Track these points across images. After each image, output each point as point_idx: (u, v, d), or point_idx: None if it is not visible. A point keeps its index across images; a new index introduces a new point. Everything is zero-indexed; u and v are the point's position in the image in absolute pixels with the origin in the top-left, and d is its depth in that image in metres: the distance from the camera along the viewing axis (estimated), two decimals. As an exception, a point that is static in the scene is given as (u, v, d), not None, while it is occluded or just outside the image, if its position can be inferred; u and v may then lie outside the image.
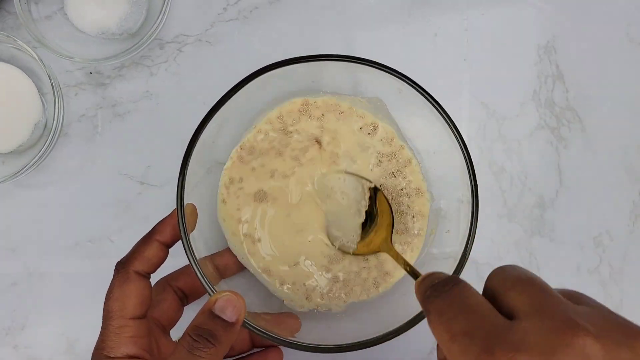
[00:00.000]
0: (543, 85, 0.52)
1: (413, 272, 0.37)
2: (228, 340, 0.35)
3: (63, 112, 0.48)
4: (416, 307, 0.41)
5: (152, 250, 0.38)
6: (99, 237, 0.49)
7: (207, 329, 0.34)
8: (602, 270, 0.51)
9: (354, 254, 0.45)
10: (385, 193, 0.46)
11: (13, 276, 0.50)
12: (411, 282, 0.46)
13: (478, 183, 0.42)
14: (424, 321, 0.41)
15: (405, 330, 0.41)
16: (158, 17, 0.47)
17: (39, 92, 0.48)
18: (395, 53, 0.51)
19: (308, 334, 0.41)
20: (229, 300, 0.35)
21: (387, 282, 0.46)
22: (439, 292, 0.28)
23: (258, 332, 0.38)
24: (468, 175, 0.42)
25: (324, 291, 0.45)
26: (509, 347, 0.22)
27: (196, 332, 0.34)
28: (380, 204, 0.45)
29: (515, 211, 0.51)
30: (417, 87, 0.42)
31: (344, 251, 0.45)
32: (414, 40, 0.52)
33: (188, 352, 0.33)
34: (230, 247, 0.45)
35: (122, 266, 0.38)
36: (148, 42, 0.48)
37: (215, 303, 0.35)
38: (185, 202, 0.39)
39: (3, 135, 0.47)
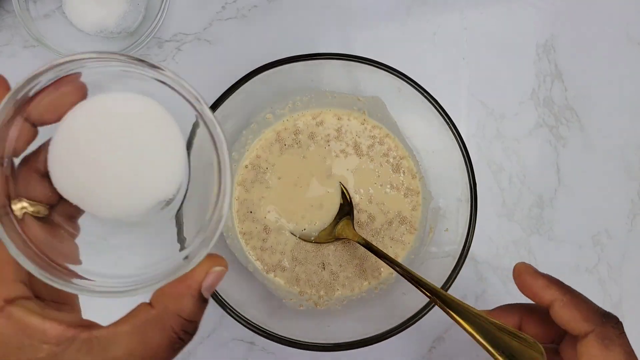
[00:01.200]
0: (542, 84, 0.52)
1: (370, 248, 0.41)
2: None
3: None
4: (414, 306, 0.41)
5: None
6: (96, 238, 0.49)
7: (196, 321, 0.26)
8: (600, 269, 0.51)
9: (315, 241, 0.47)
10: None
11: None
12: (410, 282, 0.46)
13: (477, 182, 0.42)
14: (423, 320, 0.41)
15: (404, 329, 0.41)
16: (156, 16, 0.47)
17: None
18: (394, 52, 0.51)
19: (306, 333, 0.41)
20: (220, 276, 0.26)
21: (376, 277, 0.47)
22: (619, 329, 0.32)
23: (249, 326, 0.38)
24: (467, 174, 0.42)
25: (314, 280, 0.46)
26: None
27: (185, 327, 0.25)
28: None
29: (514, 210, 0.51)
30: (416, 86, 0.42)
31: (304, 240, 0.47)
32: (413, 39, 0.52)
33: (168, 348, 0.25)
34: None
35: None
36: (146, 41, 0.48)
37: (204, 281, 0.25)
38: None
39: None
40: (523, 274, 0.34)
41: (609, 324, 0.31)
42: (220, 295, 0.41)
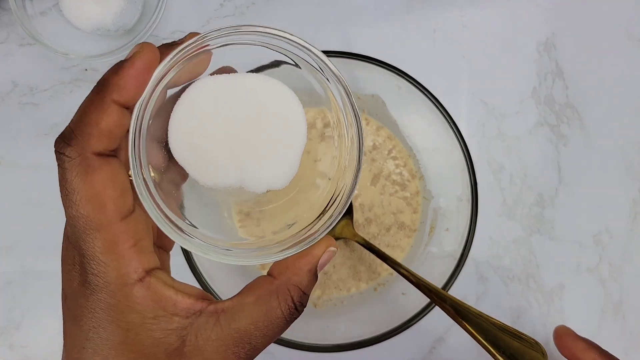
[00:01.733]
0: (542, 82, 0.52)
1: (371, 249, 0.41)
2: None
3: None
4: (414, 307, 0.41)
5: (110, 118, 0.23)
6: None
7: (308, 295, 0.27)
8: (601, 268, 0.51)
9: None
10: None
11: (9, 275, 0.49)
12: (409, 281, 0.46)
13: (477, 181, 0.42)
14: (424, 320, 0.40)
15: (404, 329, 0.40)
16: (154, 13, 0.47)
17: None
18: (393, 50, 0.51)
19: (306, 334, 0.41)
20: (332, 256, 0.28)
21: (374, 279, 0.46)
22: None
23: None
24: (467, 173, 0.42)
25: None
26: None
27: (302, 299, 0.26)
28: None
29: (515, 209, 0.51)
30: (416, 84, 0.42)
31: None
32: (413, 37, 0.52)
33: (285, 320, 0.26)
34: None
35: (70, 149, 0.23)
36: (144, 39, 0.47)
37: (322, 258, 0.27)
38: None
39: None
40: (564, 336, 0.38)
41: None
42: (218, 296, 0.41)
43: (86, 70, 0.50)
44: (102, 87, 0.24)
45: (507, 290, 0.50)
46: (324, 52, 0.42)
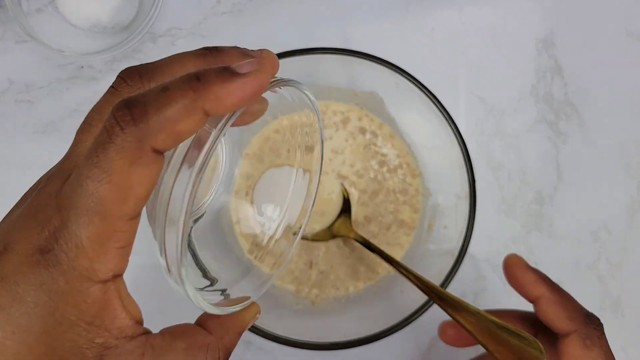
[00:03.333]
0: (541, 79, 0.52)
1: (369, 247, 0.41)
2: None
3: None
4: (413, 305, 0.41)
5: (191, 122, 0.21)
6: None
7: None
8: (600, 265, 0.51)
9: (313, 239, 0.46)
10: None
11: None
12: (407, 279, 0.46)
13: (476, 178, 0.42)
14: (421, 318, 0.40)
15: (402, 327, 0.40)
16: (150, 11, 0.47)
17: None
18: (392, 47, 0.51)
19: (303, 332, 0.41)
20: (254, 320, 0.29)
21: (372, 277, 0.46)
22: (600, 331, 0.32)
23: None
24: (466, 171, 0.42)
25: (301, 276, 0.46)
26: None
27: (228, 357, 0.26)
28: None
29: (514, 207, 0.51)
30: (414, 81, 0.42)
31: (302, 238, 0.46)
32: (412, 35, 0.51)
33: None
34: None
35: (133, 129, 0.20)
36: (140, 36, 0.47)
37: (250, 321, 0.27)
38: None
39: None
40: (513, 266, 0.35)
41: (592, 325, 0.32)
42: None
43: (82, 67, 0.49)
44: (201, 91, 0.21)
45: (506, 288, 0.50)
46: (323, 49, 0.42)
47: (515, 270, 0.35)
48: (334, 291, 0.46)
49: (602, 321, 0.33)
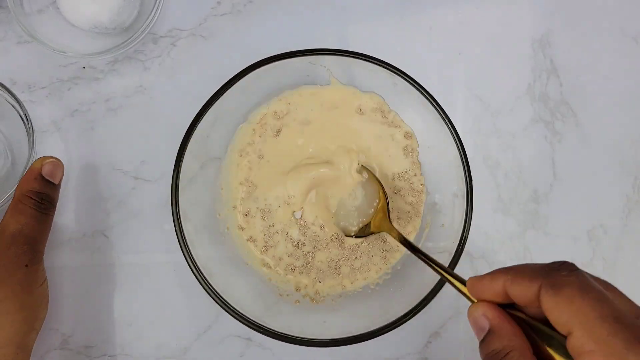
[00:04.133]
0: (537, 79, 0.52)
1: (410, 246, 0.39)
2: (56, 201, 0.43)
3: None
4: (410, 302, 0.41)
5: None
6: (92, 232, 0.49)
7: (46, 192, 0.42)
8: (595, 263, 0.52)
9: (356, 236, 0.46)
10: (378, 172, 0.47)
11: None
12: (407, 277, 0.46)
13: (472, 177, 0.42)
14: (419, 315, 0.41)
15: (400, 324, 0.41)
16: (151, 11, 0.47)
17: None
18: (390, 47, 0.51)
19: (303, 329, 0.42)
20: (57, 165, 0.43)
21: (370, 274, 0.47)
22: (569, 270, 0.28)
23: (246, 322, 0.38)
24: (463, 170, 0.42)
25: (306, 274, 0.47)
26: None
27: (39, 197, 0.41)
28: (373, 185, 0.46)
29: (510, 205, 0.51)
30: (410, 81, 0.42)
31: (346, 234, 0.47)
32: (409, 34, 0.52)
33: (38, 213, 0.41)
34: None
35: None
36: (141, 37, 0.47)
37: (43, 168, 0.42)
38: (180, 197, 0.39)
39: None
40: (473, 286, 0.31)
41: (554, 271, 0.28)
42: (216, 292, 0.41)
43: (84, 68, 0.50)
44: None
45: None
46: (321, 49, 0.42)
47: (476, 287, 0.31)
48: (333, 289, 0.46)
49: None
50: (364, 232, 0.46)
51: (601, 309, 0.25)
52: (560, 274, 0.27)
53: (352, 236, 0.46)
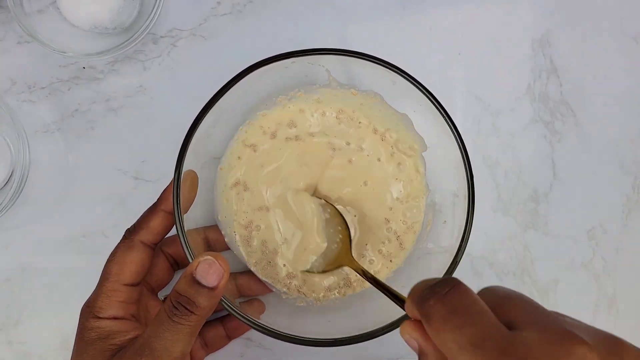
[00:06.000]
0: (537, 79, 0.52)
1: (375, 281, 0.39)
2: (209, 305, 0.34)
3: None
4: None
5: (158, 220, 0.40)
6: (93, 232, 0.49)
7: (187, 296, 0.34)
8: (595, 263, 0.52)
9: (323, 271, 0.45)
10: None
11: (7, 272, 0.50)
12: (409, 277, 0.46)
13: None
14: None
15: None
16: (151, 12, 0.47)
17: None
18: (389, 47, 0.51)
19: (304, 328, 0.41)
20: (211, 265, 0.34)
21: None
22: (439, 294, 0.26)
23: (246, 322, 0.38)
24: (464, 169, 0.42)
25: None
26: (518, 359, 0.22)
27: (177, 298, 0.34)
28: (335, 217, 0.45)
29: (510, 205, 0.51)
30: (410, 79, 0.42)
31: (310, 272, 0.45)
32: (409, 34, 0.52)
33: (169, 318, 0.34)
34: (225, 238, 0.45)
35: (129, 234, 0.40)
36: (141, 37, 0.47)
37: (196, 268, 0.34)
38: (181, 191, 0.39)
39: None
40: (405, 332, 0.29)
41: (424, 301, 0.26)
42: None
43: (84, 68, 0.50)
44: (158, 200, 0.41)
45: (502, 285, 0.50)
46: (320, 49, 0.42)
47: (409, 334, 0.28)
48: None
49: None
50: (326, 268, 0.45)
51: (459, 339, 0.24)
52: (429, 304, 0.26)
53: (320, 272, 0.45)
